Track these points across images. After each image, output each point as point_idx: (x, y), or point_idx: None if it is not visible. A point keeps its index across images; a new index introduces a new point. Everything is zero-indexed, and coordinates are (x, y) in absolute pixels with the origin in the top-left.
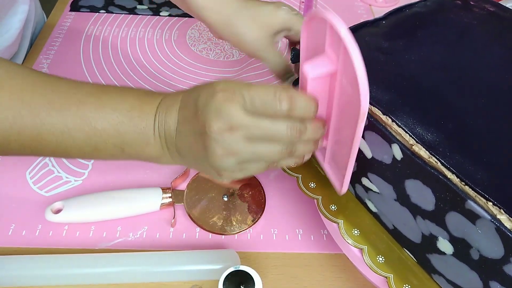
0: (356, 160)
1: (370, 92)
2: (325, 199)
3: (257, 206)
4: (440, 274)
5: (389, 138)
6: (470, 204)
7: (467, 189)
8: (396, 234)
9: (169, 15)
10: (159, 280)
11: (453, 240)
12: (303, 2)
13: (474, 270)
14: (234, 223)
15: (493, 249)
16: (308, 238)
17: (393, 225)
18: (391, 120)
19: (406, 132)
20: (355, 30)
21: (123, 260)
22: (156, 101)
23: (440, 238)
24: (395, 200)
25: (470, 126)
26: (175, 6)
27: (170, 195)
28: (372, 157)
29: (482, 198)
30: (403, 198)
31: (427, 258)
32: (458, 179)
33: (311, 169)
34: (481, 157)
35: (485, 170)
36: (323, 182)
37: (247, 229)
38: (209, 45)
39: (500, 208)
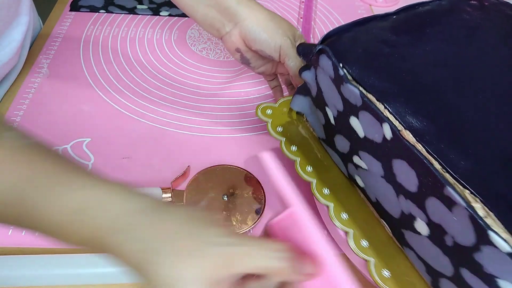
0: (349, 140)
1: (368, 80)
2: (319, 183)
3: (257, 206)
4: (412, 249)
5: (381, 118)
6: (449, 190)
7: (447, 176)
8: (377, 206)
9: (169, 15)
10: None
11: (430, 224)
12: (303, 2)
13: (447, 255)
14: (234, 223)
15: (466, 236)
16: None
17: (376, 199)
18: (384, 107)
19: (396, 119)
20: (364, 22)
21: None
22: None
23: (418, 219)
24: (382, 176)
25: (462, 121)
26: (175, 6)
27: (170, 195)
28: (365, 136)
29: (460, 186)
30: (389, 176)
31: (402, 232)
32: (440, 166)
33: (310, 154)
34: (466, 149)
35: (468, 161)
36: (319, 167)
37: (247, 229)
38: (209, 45)
39: (476, 196)
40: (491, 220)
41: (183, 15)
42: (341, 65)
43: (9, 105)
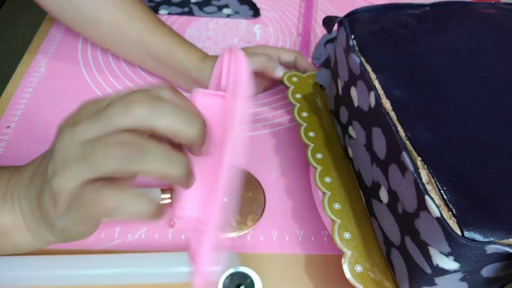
0: (348, 110)
1: (371, 52)
2: (316, 148)
3: (257, 207)
4: (376, 219)
5: (370, 86)
6: (404, 155)
7: (407, 143)
8: (358, 176)
9: (168, 14)
10: (158, 281)
11: (389, 191)
12: (303, 0)
13: (397, 223)
14: (234, 224)
15: (410, 202)
16: (309, 239)
17: (358, 168)
18: (375, 77)
19: (381, 88)
20: (395, 7)
21: (122, 262)
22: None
23: (382, 187)
24: (364, 145)
25: (445, 102)
26: (174, 4)
27: (169, 195)
28: (358, 105)
29: (415, 153)
30: (368, 144)
31: (371, 201)
32: (404, 134)
33: (318, 123)
34: (437, 125)
35: (433, 135)
36: (322, 135)
37: (247, 230)
38: (209, 44)
39: (424, 164)
40: (431, 187)
41: (182, 13)
42: (352, 36)
43: (7, 104)
